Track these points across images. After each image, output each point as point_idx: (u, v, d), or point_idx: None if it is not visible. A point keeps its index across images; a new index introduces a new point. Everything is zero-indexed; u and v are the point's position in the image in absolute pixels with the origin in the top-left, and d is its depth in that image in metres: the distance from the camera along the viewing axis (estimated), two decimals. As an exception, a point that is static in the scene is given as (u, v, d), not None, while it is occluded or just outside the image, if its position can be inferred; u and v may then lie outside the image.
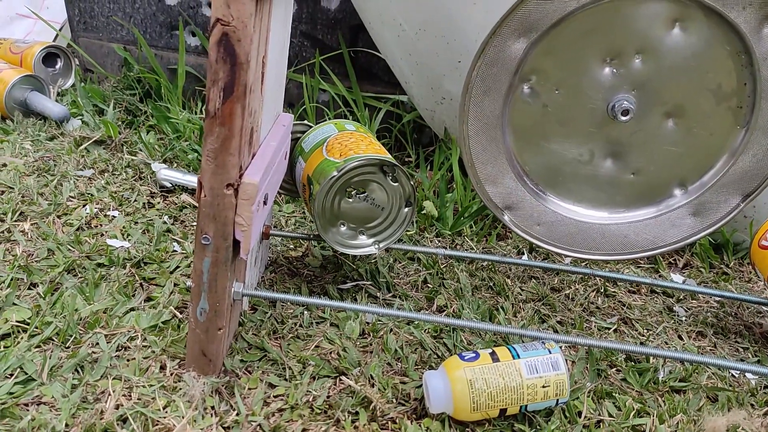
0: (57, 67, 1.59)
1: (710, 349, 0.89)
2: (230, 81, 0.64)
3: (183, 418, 0.66)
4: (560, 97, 0.79)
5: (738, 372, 0.84)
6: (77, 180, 1.15)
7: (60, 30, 1.73)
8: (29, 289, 0.84)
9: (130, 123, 1.42)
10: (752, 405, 0.78)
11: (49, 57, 1.58)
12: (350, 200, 0.83)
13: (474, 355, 0.71)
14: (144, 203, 1.11)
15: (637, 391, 0.78)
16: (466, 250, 1.08)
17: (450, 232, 1.12)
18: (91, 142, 1.29)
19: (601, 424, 0.72)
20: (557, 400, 0.71)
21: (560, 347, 0.82)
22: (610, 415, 0.73)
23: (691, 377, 0.81)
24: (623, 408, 0.74)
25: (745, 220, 1.11)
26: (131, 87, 1.49)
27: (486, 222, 1.14)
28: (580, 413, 0.73)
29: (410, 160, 1.38)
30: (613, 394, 0.76)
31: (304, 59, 1.43)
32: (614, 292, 1.00)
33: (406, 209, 0.85)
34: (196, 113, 1.46)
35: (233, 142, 0.65)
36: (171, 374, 0.72)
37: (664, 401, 0.76)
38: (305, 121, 0.95)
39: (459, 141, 0.80)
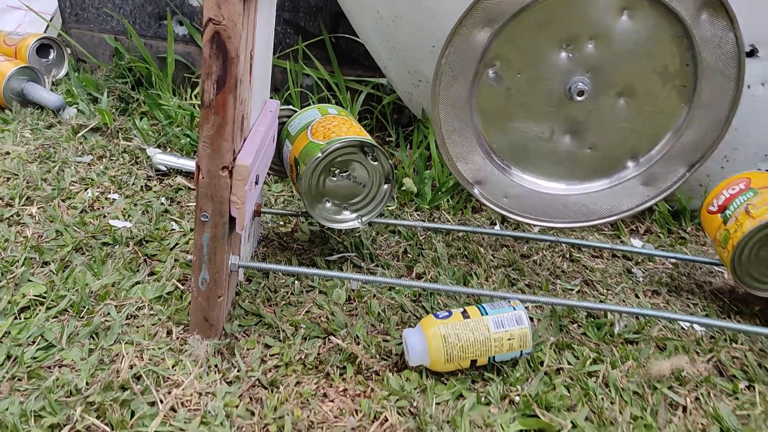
0: (50, 57, 1.65)
1: (663, 306, 0.99)
2: (222, 74, 0.71)
3: (190, 374, 0.74)
4: (522, 80, 0.87)
5: (687, 324, 0.93)
6: (77, 166, 1.22)
7: (50, 21, 1.78)
8: (42, 267, 0.92)
9: (124, 110, 1.49)
10: (697, 353, 0.87)
11: (42, 48, 1.64)
12: (334, 179, 0.91)
13: (447, 313, 0.80)
14: (142, 186, 1.18)
15: (594, 342, 0.88)
16: (443, 222, 1.17)
17: (428, 206, 1.21)
18: (87, 129, 1.36)
19: (560, 371, 0.81)
20: (521, 352, 0.80)
21: (526, 306, 0.91)
22: (569, 363, 0.83)
23: (643, 330, 0.90)
24: (581, 357, 0.84)
25: (700, 189, 1.20)
26: (123, 75, 1.56)
27: (462, 196, 1.23)
28: (542, 362, 0.82)
29: (391, 139, 1.46)
30: (573, 346, 0.86)
31: (288, 46, 1.50)
32: (579, 257, 1.09)
33: (386, 186, 0.93)
34: (186, 99, 1.53)
35: (227, 129, 0.73)
36: (177, 338, 0.80)
37: (617, 351, 0.86)
38: (290, 106, 1.03)
39: (432, 123, 0.88)
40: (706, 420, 0.77)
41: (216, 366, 0.77)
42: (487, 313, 0.80)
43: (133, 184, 1.18)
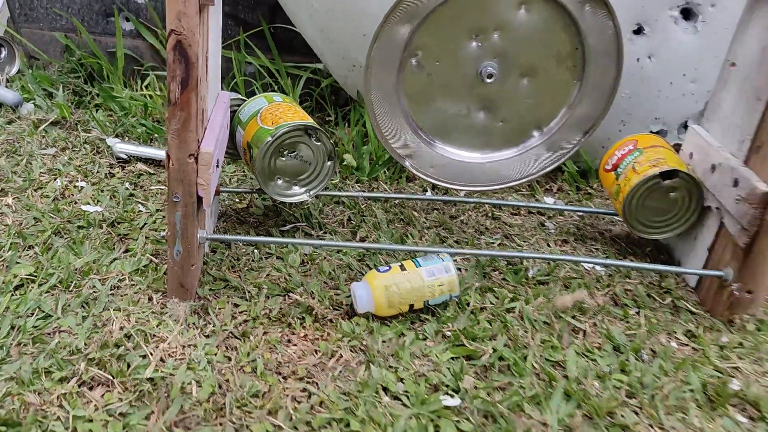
0: (1, 56, 1.72)
1: (571, 252, 1.16)
2: (185, 76, 0.84)
3: (173, 331, 0.88)
4: (441, 67, 1.02)
5: (590, 266, 1.11)
6: (43, 158, 1.32)
7: (-4, 20, 1.85)
8: (27, 250, 1.04)
9: (79, 103, 1.58)
10: (597, 288, 1.05)
11: (-8, 47, 1.72)
12: (283, 159, 1.05)
13: (387, 267, 0.96)
14: (106, 174, 1.30)
15: (512, 285, 1.04)
16: (381, 191, 1.32)
17: (367, 178, 1.36)
18: (47, 123, 1.45)
19: (484, 309, 0.98)
20: (451, 295, 0.96)
21: (455, 259, 1.07)
22: (491, 303, 0.99)
23: (553, 272, 1.08)
24: (500, 297, 1.00)
25: (603, 150, 1.38)
26: (75, 71, 1.65)
27: (396, 168, 1.38)
28: (468, 303, 0.98)
29: (330, 119, 1.59)
30: (494, 289, 1.02)
31: (230, 36, 1.62)
32: (499, 215, 1.26)
33: (329, 163, 1.08)
34: (137, 90, 1.63)
35: (191, 123, 0.86)
36: (157, 303, 0.94)
37: (531, 291, 1.03)
38: (239, 96, 1.16)
39: (365, 106, 1.03)
40: (601, 340, 0.94)
41: (194, 323, 0.91)
42: (420, 266, 0.95)
43: (98, 172, 1.30)
